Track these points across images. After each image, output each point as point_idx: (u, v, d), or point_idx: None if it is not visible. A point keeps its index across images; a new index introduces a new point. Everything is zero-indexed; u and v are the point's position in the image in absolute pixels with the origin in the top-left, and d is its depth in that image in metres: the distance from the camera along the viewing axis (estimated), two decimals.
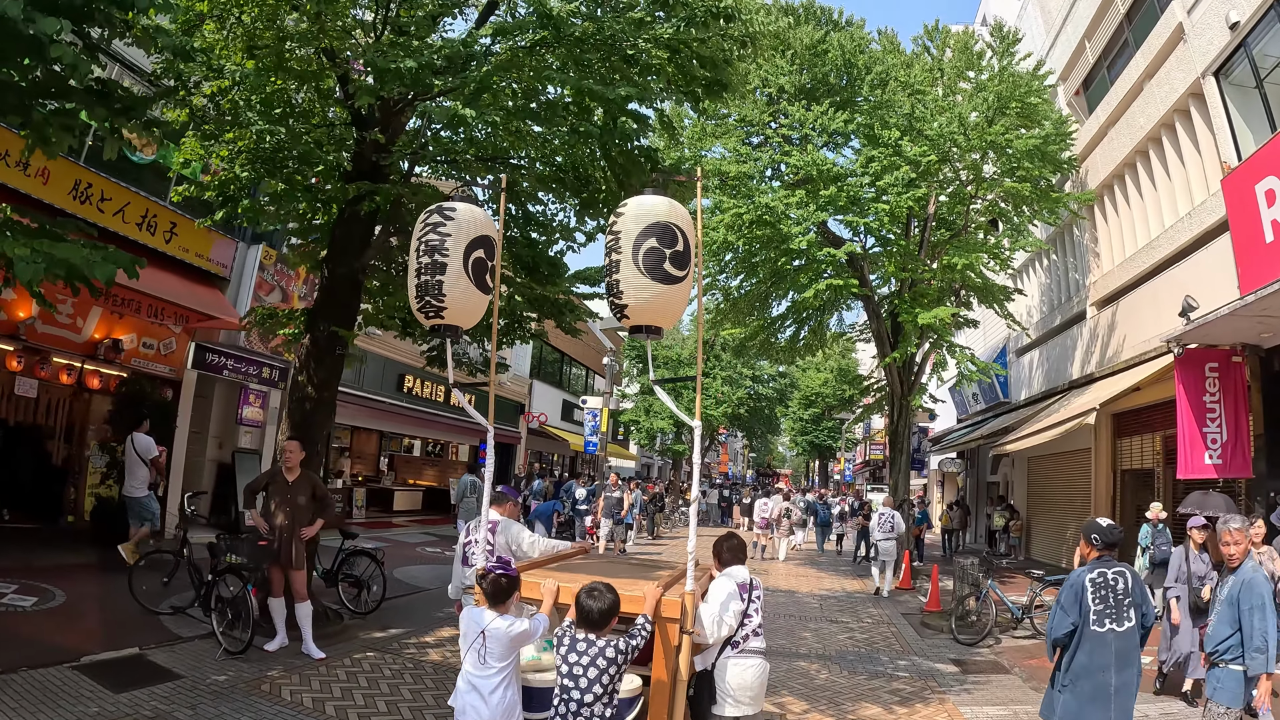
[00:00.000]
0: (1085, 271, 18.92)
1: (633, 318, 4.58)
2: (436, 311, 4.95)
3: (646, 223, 4.49)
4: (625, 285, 4.51)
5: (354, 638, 9.07)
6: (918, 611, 13.07)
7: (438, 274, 4.86)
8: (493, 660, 4.01)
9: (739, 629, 4.82)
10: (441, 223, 4.91)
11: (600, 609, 3.95)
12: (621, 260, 4.50)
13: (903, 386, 17.47)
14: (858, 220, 14.18)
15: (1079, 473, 18.74)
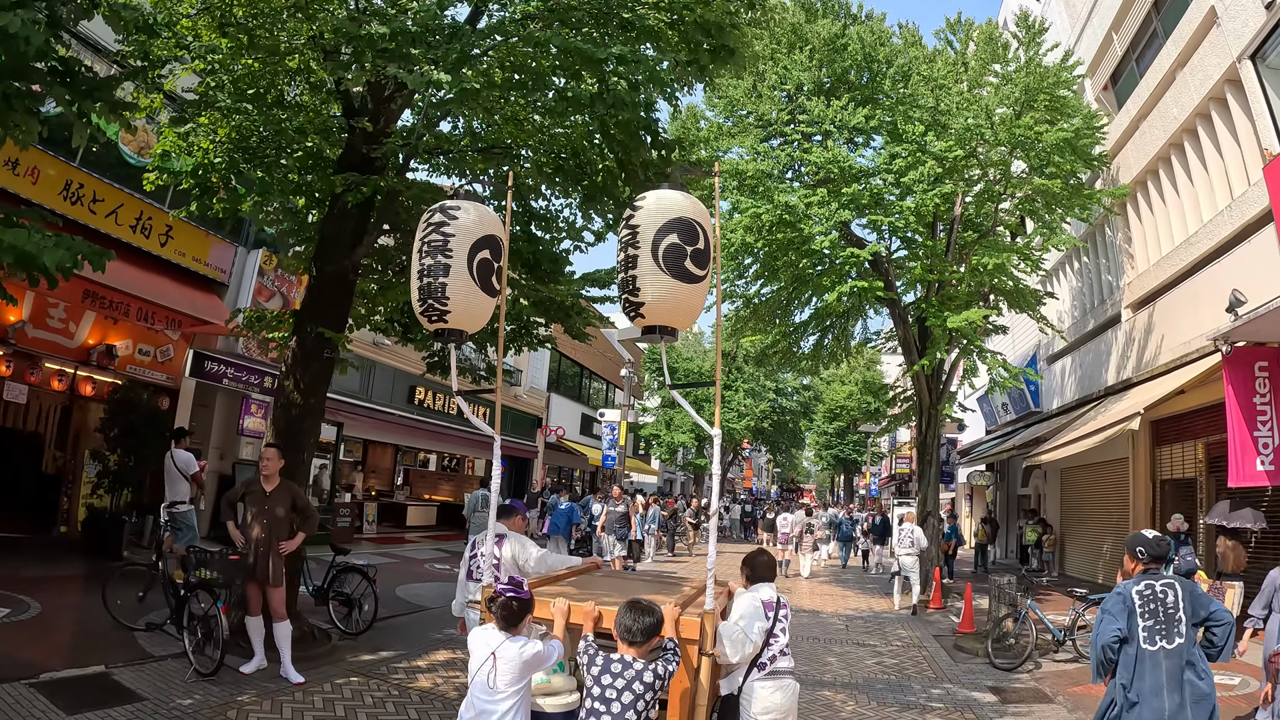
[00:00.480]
0: (1119, 273, 18.13)
1: (649, 316, 4.36)
2: (440, 315, 4.75)
3: (667, 217, 4.28)
4: (643, 282, 4.28)
5: (340, 660, 8.49)
6: (950, 633, 12.26)
7: (441, 275, 4.67)
8: (502, 684, 3.79)
9: (765, 649, 4.57)
10: (445, 222, 4.73)
11: (643, 627, 3.76)
12: (639, 255, 4.28)
13: (931, 395, 16.69)
14: (882, 219, 13.46)
15: (1116, 484, 17.88)
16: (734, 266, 15.60)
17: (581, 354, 33.91)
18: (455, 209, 4.78)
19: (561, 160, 8.68)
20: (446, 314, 4.74)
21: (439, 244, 4.69)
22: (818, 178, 14.46)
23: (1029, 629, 9.86)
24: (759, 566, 4.90)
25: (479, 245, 4.76)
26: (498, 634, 3.89)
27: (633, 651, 3.76)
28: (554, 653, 3.99)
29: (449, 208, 4.80)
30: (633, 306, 4.36)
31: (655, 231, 4.26)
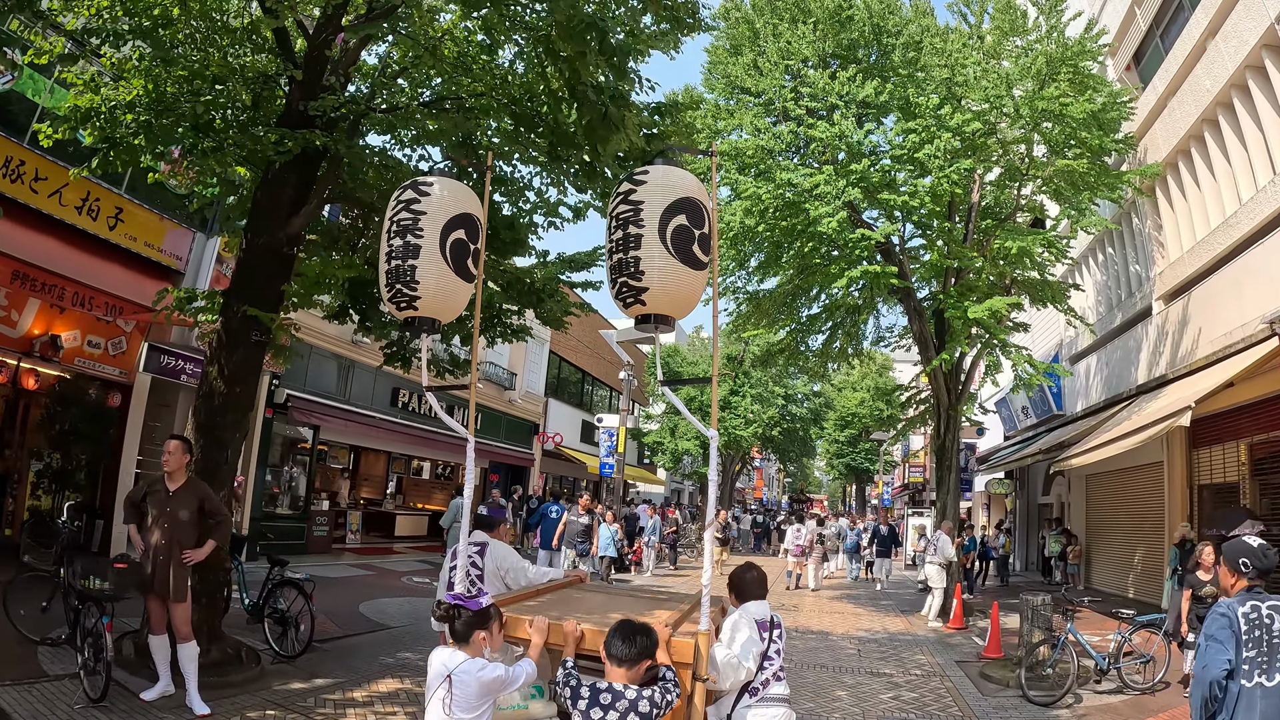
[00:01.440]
0: (1148, 263, 16.90)
1: (650, 304, 3.98)
2: (409, 301, 4.41)
3: (675, 196, 3.93)
4: (648, 264, 3.89)
5: (264, 688, 7.35)
6: (975, 659, 10.93)
7: (410, 258, 4.34)
8: (459, 710, 3.48)
9: (758, 673, 4.16)
10: (416, 199, 4.39)
11: (637, 650, 3.43)
12: (644, 235, 3.88)
13: (950, 395, 15.42)
14: (894, 199, 12.20)
15: (1148, 490, 16.60)
16: (734, 255, 14.36)
17: (583, 358, 32.78)
18: (427, 185, 4.44)
19: (515, 107, 7.55)
20: (416, 300, 4.38)
21: (409, 223, 4.34)
22: (824, 158, 13.25)
23: (1069, 656, 8.48)
24: (748, 584, 4.39)
25: (453, 224, 4.41)
26: (458, 654, 3.57)
27: (623, 676, 3.40)
28: (520, 675, 3.67)
29: (420, 184, 4.44)
30: (632, 291, 3.93)
31: (663, 210, 3.89)
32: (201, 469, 7.79)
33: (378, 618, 11.13)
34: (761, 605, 4.34)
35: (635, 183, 4.01)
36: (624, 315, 4.27)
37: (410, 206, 4.38)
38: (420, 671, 8.18)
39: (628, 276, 3.93)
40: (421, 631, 10.40)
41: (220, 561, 7.92)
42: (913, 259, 15.29)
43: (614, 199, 4.08)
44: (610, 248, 4.07)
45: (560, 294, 10.16)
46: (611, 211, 4.07)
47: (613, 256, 4.02)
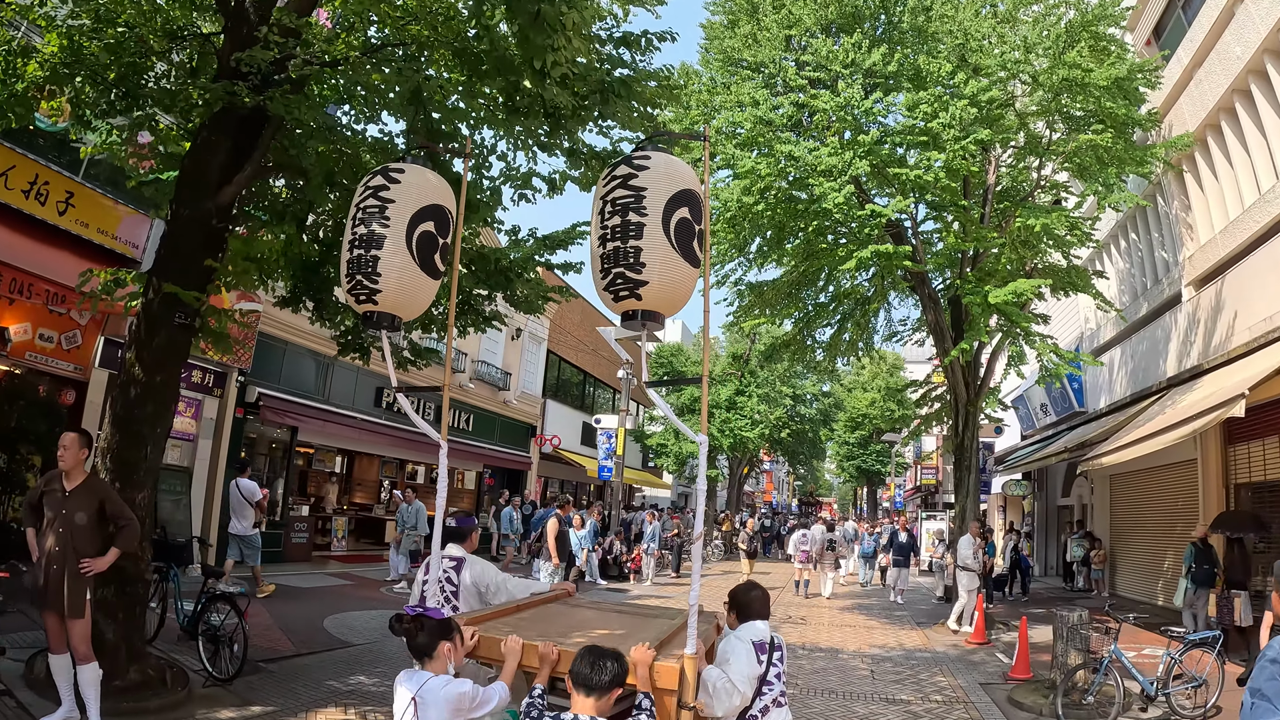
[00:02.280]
0: (1176, 247, 15.87)
1: (647, 298, 3.68)
2: (368, 295, 4.15)
3: (679, 187, 3.70)
4: (650, 256, 3.62)
5: (187, 716, 6.48)
6: (1000, 679, 9.84)
7: (373, 247, 4.09)
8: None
9: (755, 700, 3.80)
10: (384, 185, 4.16)
11: (605, 679, 3.05)
12: (646, 225, 3.62)
13: (968, 390, 14.37)
14: (905, 173, 11.14)
15: (1180, 490, 15.53)
16: (732, 239, 13.31)
17: (584, 358, 31.81)
18: (398, 171, 4.20)
19: (461, 47, 6.62)
20: (376, 294, 4.11)
21: (375, 210, 4.09)
22: (829, 132, 12.24)
23: (1114, 681, 7.38)
24: (749, 603, 4.02)
25: (422, 216, 4.16)
26: (422, 674, 3.33)
27: (591, 708, 3.06)
28: (493, 698, 3.41)
29: (391, 170, 4.21)
30: (629, 284, 3.63)
31: (667, 201, 3.64)
32: (117, 467, 6.92)
33: (342, 633, 10.18)
34: (760, 626, 3.95)
35: (635, 167, 3.70)
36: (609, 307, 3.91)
37: (378, 193, 4.10)
38: (375, 698, 7.29)
39: (625, 267, 3.61)
40: (386, 651, 9.45)
41: (140, 572, 7.04)
42: (926, 244, 14.28)
43: (608, 181, 3.75)
44: (603, 234, 3.70)
45: (536, 277, 9.20)
46: (604, 194, 3.73)
47: (606, 244, 3.66)
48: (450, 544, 5.00)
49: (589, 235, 4.15)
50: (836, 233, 13.12)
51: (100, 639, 6.50)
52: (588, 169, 8.20)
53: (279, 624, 10.27)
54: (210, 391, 13.82)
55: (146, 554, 7.21)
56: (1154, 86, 13.25)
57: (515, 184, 8.37)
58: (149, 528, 7.22)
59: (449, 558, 4.90)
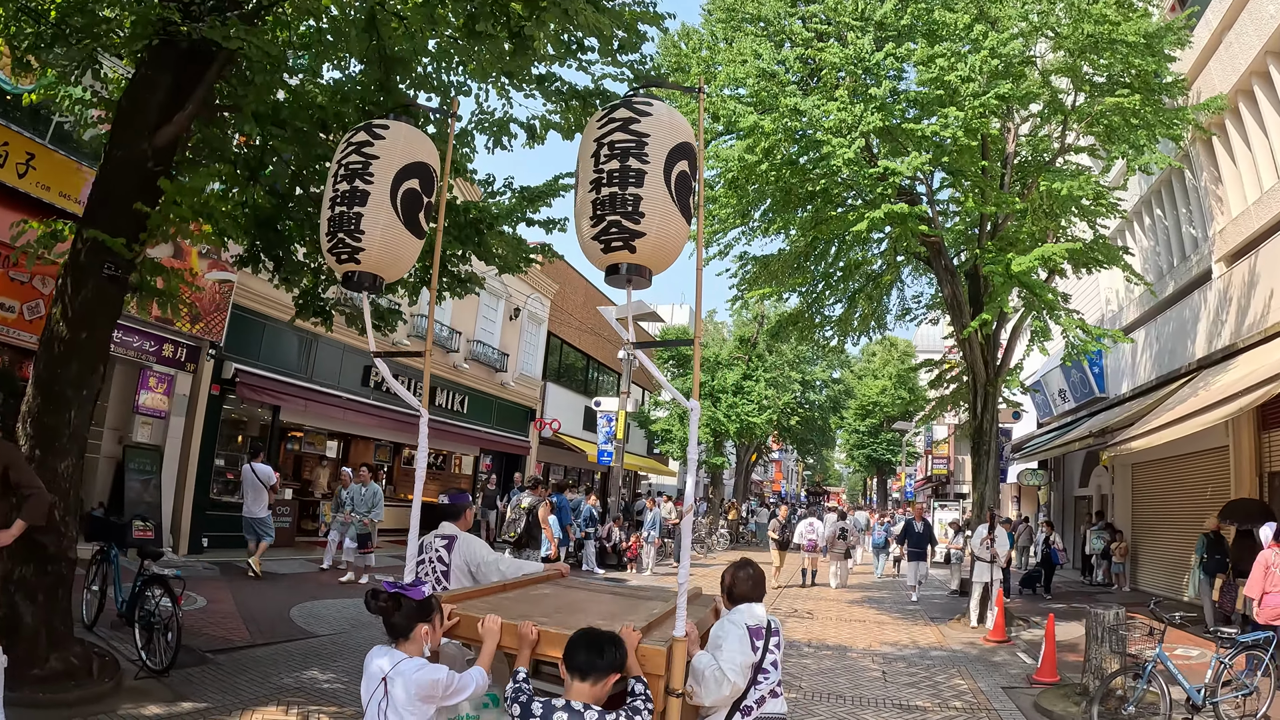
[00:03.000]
0: (1205, 221, 14.95)
1: (641, 251, 3.38)
2: (351, 254, 3.97)
3: (680, 139, 3.47)
4: (650, 206, 3.34)
5: (109, 710, 5.81)
6: (1024, 682, 8.97)
7: (356, 204, 3.92)
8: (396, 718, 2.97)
9: (751, 688, 3.51)
10: (368, 141, 4.00)
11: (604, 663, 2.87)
12: (648, 173, 3.36)
13: (987, 369, 13.50)
14: (920, 129, 10.25)
15: (1208, 479, 14.66)
16: (734, 203, 12.44)
17: (587, 341, 31.01)
18: (382, 128, 4.11)
19: None
20: (360, 253, 3.99)
21: (358, 167, 3.98)
22: (840, 88, 11.35)
23: (1159, 689, 6.48)
24: (741, 583, 3.77)
25: (406, 173, 4.04)
26: (396, 653, 3.09)
27: (586, 694, 2.85)
28: (469, 683, 3.13)
29: (375, 126, 4.13)
30: (624, 234, 3.37)
31: (669, 151, 3.42)
32: (38, 433, 6.23)
33: (308, 623, 9.44)
34: (756, 609, 3.69)
35: (637, 112, 3.46)
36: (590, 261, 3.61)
37: (361, 149, 3.98)
38: (324, 696, 6.57)
39: (623, 215, 3.35)
40: (351, 643, 8.72)
41: (63, 549, 6.32)
42: (943, 214, 13.41)
43: (604, 123, 3.49)
44: (598, 178, 3.42)
45: (514, 233, 8.41)
46: (600, 137, 3.46)
47: (601, 189, 3.39)
48: (443, 522, 4.86)
49: (575, 184, 3.71)
50: (845, 197, 12.26)
51: (17, 622, 5.92)
52: (569, 111, 7.43)
53: (241, 611, 9.56)
54: (182, 366, 13.08)
55: (72, 530, 6.49)
56: (1184, 45, 12.35)
57: (490, 130, 7.62)
58: (74, 501, 6.51)
59: (440, 536, 4.74)
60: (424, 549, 4.73)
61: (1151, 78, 11.57)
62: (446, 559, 4.67)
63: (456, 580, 4.60)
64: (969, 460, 15.91)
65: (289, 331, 15.29)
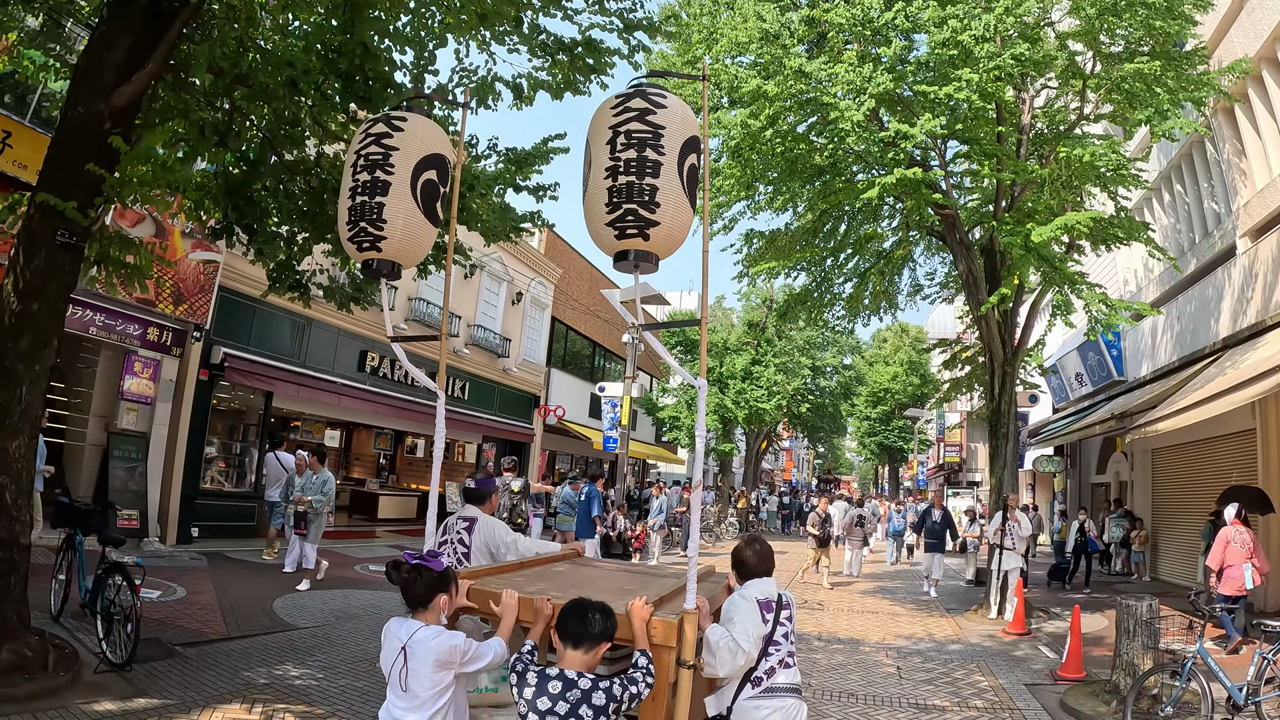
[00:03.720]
0: (1229, 194, 14.32)
1: (654, 239, 3.51)
2: (373, 242, 4.10)
3: (690, 133, 3.61)
4: (665, 197, 3.48)
5: (60, 706, 5.42)
6: (1048, 678, 8.41)
7: (378, 194, 4.05)
8: (416, 686, 3.05)
9: (762, 659, 3.58)
10: (387, 133, 4.11)
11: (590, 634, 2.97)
12: (664, 165, 3.49)
13: (1004, 348, 12.94)
14: (933, 92, 9.67)
15: (1234, 463, 14.09)
16: (737, 175, 11.90)
17: (593, 327, 30.51)
18: (400, 120, 4.17)
19: None
20: (381, 240, 4.09)
21: (378, 158, 4.06)
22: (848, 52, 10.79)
23: (1201, 688, 5.88)
24: (750, 559, 3.79)
25: (425, 164, 4.15)
26: (414, 623, 3.17)
27: (579, 662, 2.93)
28: (487, 653, 3.22)
29: (393, 118, 4.19)
30: (639, 222, 3.47)
31: (683, 144, 3.55)
32: None
33: (290, 615, 9.02)
34: (766, 584, 3.79)
35: (653, 104, 3.56)
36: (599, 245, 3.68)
37: (381, 140, 4.10)
38: (293, 693, 6.15)
39: (639, 204, 3.47)
40: (332, 636, 8.30)
41: (14, 535, 5.94)
42: (957, 187, 12.85)
43: (620, 111, 3.55)
44: (614, 165, 3.51)
45: (500, 201, 7.93)
46: (616, 125, 3.54)
47: (618, 177, 3.49)
48: (468, 505, 5.07)
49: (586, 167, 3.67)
50: (855, 170, 11.73)
51: None
52: (555, 67, 6.95)
53: (221, 603, 9.15)
54: (168, 351, 12.65)
55: (25, 514, 6.09)
56: (1206, 9, 11.75)
57: (473, 90, 7.12)
58: (26, 483, 6.09)
59: (463, 518, 4.92)
60: (446, 530, 4.91)
61: (1172, 46, 11.00)
62: (467, 540, 4.83)
63: (476, 561, 4.72)
64: (981, 447, 15.38)
65: (281, 315, 14.86)
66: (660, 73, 8.59)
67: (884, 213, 13.76)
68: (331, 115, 7.05)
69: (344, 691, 6.43)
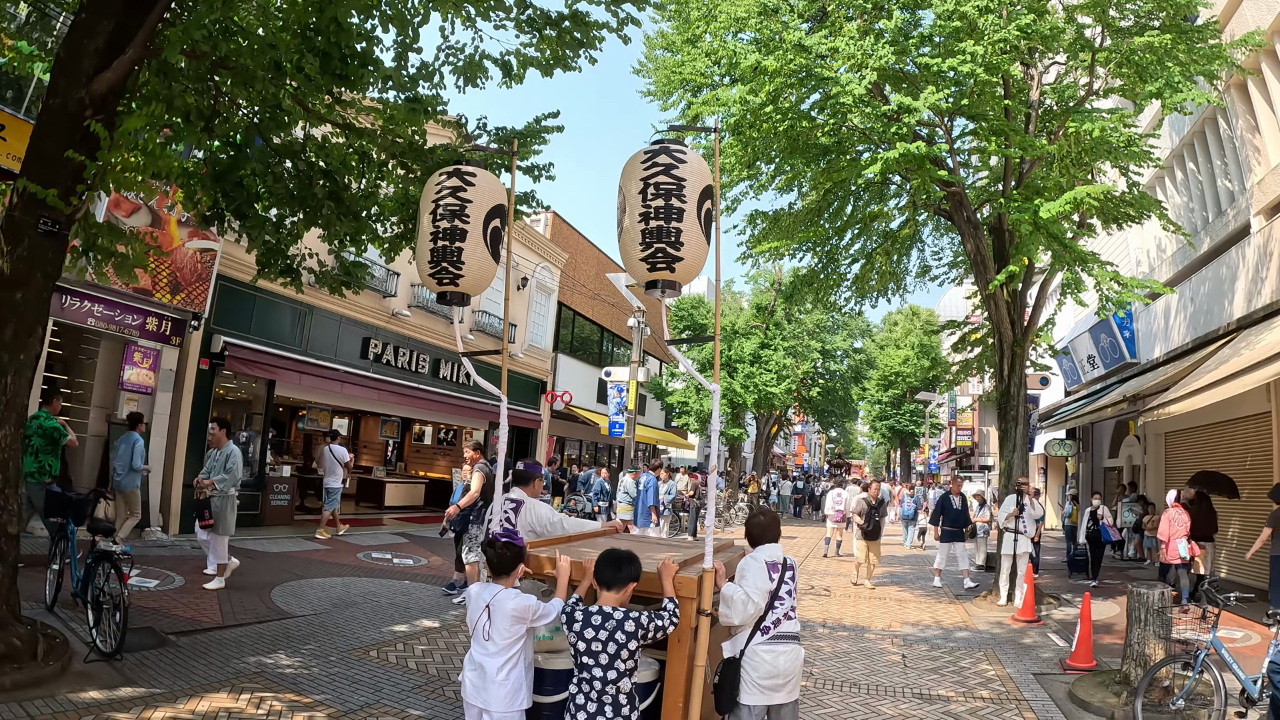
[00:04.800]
0: (1242, 172, 13.99)
1: (679, 272, 4.35)
2: (452, 279, 4.91)
3: (706, 183, 4.40)
4: (687, 237, 4.30)
5: (47, 695, 5.35)
6: (1057, 668, 8.24)
7: (458, 240, 4.84)
8: (497, 637, 3.79)
9: (769, 611, 4.34)
10: (462, 187, 4.88)
11: (620, 577, 3.77)
12: (686, 210, 4.29)
13: (1014, 329, 12.71)
14: (937, 64, 9.42)
15: (1249, 447, 13.81)
16: (738, 154, 11.67)
17: (600, 312, 30.35)
18: (471, 175, 4.91)
19: None
20: (459, 278, 4.89)
21: (456, 208, 4.83)
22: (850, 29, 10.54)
23: (1214, 680, 5.70)
24: (758, 529, 4.60)
25: (492, 214, 4.94)
26: (494, 586, 3.91)
27: (613, 600, 3.73)
28: (552, 611, 3.85)
29: (465, 173, 4.91)
30: (667, 259, 4.30)
31: (699, 193, 4.33)
32: None
33: (287, 604, 8.94)
34: (773, 548, 4.50)
35: (676, 159, 4.28)
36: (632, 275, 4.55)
37: (457, 193, 4.83)
38: (283, 682, 6.08)
39: (667, 244, 4.26)
40: (329, 624, 8.22)
41: (3, 524, 5.84)
42: (964, 164, 12.60)
43: (649, 165, 4.29)
44: (646, 212, 4.26)
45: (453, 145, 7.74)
46: (646, 177, 4.27)
47: (650, 221, 4.25)
48: (514, 487, 5.61)
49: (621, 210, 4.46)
50: (859, 151, 11.50)
51: None
52: (544, 43, 6.78)
53: (219, 591, 9.09)
54: (168, 340, 12.58)
55: (13, 503, 6.02)
56: None
57: (461, 69, 6.97)
58: (14, 473, 6.02)
59: (510, 500, 5.44)
60: (493, 511, 5.30)
61: (1183, 19, 10.71)
62: (513, 520, 5.36)
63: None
64: (994, 431, 15.13)
65: (281, 303, 14.75)
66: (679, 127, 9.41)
67: (889, 191, 13.52)
68: (317, 97, 6.91)
69: (334, 679, 6.35)
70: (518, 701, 3.79)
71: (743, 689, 4.22)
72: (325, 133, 7.57)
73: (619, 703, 3.58)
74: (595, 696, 3.57)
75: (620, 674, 3.57)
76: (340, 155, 7.34)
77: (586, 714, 3.57)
